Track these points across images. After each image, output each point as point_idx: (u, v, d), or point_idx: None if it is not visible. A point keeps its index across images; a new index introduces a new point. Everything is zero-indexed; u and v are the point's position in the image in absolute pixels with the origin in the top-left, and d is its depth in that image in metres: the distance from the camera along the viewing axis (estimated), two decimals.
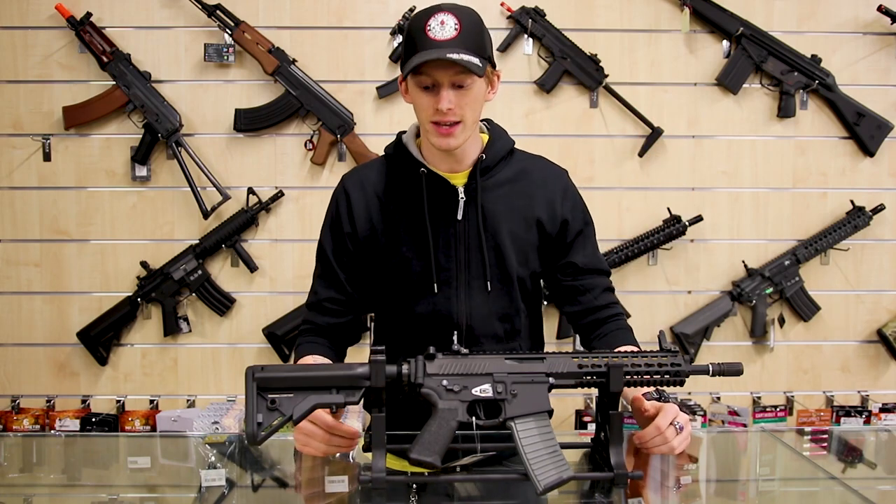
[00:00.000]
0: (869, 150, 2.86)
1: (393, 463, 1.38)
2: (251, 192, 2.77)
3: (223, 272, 2.84)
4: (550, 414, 1.29)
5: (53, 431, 2.71)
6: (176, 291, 2.79)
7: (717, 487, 1.53)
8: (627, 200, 2.87)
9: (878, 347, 2.95)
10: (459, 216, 1.56)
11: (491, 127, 1.64)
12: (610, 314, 1.64)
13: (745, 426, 2.74)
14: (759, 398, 2.92)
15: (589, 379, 1.30)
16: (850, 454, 1.77)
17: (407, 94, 1.54)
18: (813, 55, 2.82)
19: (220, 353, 2.86)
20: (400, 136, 1.62)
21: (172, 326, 2.80)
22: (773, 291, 2.85)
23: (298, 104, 2.74)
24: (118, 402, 2.83)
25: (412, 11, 2.73)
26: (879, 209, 2.86)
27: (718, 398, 2.90)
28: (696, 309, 2.88)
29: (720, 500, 1.50)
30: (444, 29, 1.43)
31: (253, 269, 2.81)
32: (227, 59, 2.74)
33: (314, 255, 1.66)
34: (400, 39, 2.75)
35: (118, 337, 2.82)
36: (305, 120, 2.78)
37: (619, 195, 2.86)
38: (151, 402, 2.84)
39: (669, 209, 2.82)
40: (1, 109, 2.76)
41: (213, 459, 1.58)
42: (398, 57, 2.76)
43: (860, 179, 2.89)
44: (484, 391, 1.26)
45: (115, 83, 2.71)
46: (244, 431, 1.27)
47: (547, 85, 2.79)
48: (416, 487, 1.29)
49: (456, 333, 1.37)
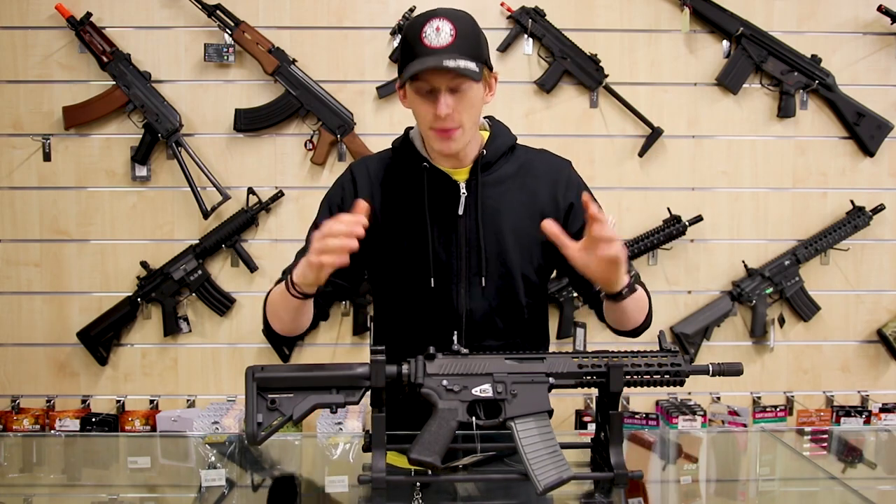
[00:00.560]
0: (869, 150, 2.86)
1: (395, 460, 1.38)
2: (251, 192, 2.77)
3: (223, 272, 2.84)
4: (550, 414, 1.29)
5: (53, 431, 2.71)
6: (176, 291, 2.79)
7: (717, 487, 1.53)
8: (627, 200, 2.87)
9: (878, 347, 2.95)
10: (460, 211, 1.56)
11: (493, 124, 1.64)
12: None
13: (745, 426, 2.74)
14: (759, 398, 2.92)
15: (589, 379, 1.31)
16: (850, 454, 1.77)
17: (405, 99, 1.54)
18: (813, 55, 2.82)
19: (220, 353, 2.86)
20: (408, 130, 1.63)
21: (172, 326, 2.80)
22: (773, 291, 2.85)
23: (298, 104, 2.74)
24: (118, 402, 2.83)
25: (412, 11, 2.73)
26: (879, 209, 2.86)
27: (718, 398, 2.90)
28: (696, 309, 2.88)
29: (720, 500, 1.50)
30: (439, 35, 1.44)
31: (253, 269, 2.81)
32: (227, 59, 2.74)
33: None
34: (400, 39, 2.75)
35: (118, 337, 2.82)
36: (305, 120, 2.78)
37: (619, 195, 2.86)
38: (151, 402, 2.84)
39: (669, 209, 2.83)
40: (1, 109, 2.76)
41: (213, 459, 1.58)
42: (398, 57, 2.76)
43: (860, 179, 2.89)
44: (484, 391, 1.27)
45: (115, 83, 2.71)
46: (244, 431, 1.28)
47: (547, 85, 2.79)
48: (419, 486, 1.29)
49: (455, 329, 1.36)
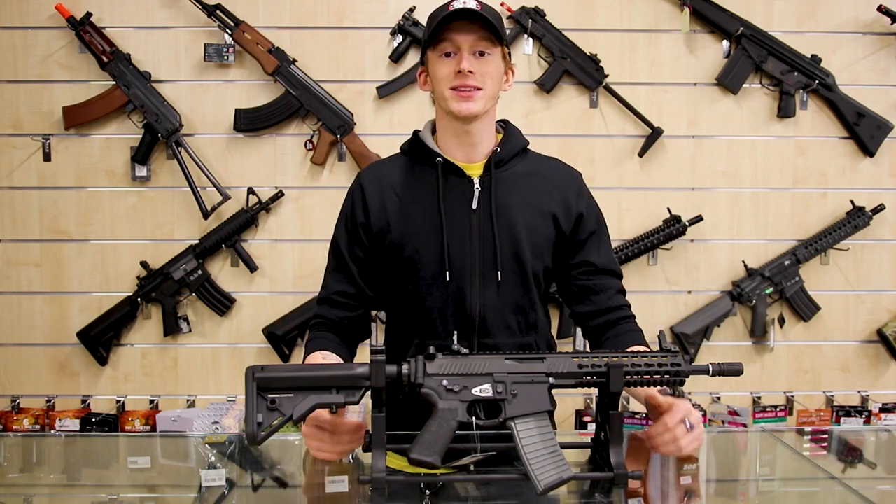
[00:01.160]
0: (869, 150, 2.86)
1: (395, 462, 1.38)
2: (251, 192, 2.77)
3: (223, 272, 2.84)
4: (553, 408, 1.29)
5: (53, 431, 2.71)
6: (176, 291, 2.79)
7: (717, 487, 1.53)
8: (627, 200, 2.87)
9: (878, 347, 2.95)
10: (474, 206, 1.56)
11: (507, 126, 1.66)
12: (622, 316, 1.64)
13: (745, 426, 2.74)
14: (759, 398, 2.92)
15: (589, 379, 1.30)
16: (850, 454, 1.77)
17: (426, 84, 1.57)
18: (813, 55, 2.82)
19: (220, 353, 2.86)
20: (416, 132, 1.64)
21: (172, 326, 2.80)
22: (773, 291, 2.85)
23: (298, 104, 2.74)
24: (118, 402, 2.83)
25: (412, 11, 2.73)
26: (879, 209, 2.86)
27: (718, 398, 2.90)
28: (696, 309, 2.88)
29: (720, 500, 1.50)
30: (466, 4, 1.48)
31: (253, 269, 2.81)
32: (227, 59, 2.74)
33: (314, 254, 1.67)
34: (400, 39, 2.75)
35: (118, 337, 2.82)
36: (305, 120, 2.78)
37: (619, 195, 2.86)
38: (151, 402, 2.84)
39: (669, 209, 2.83)
40: (1, 109, 2.76)
41: (213, 459, 1.57)
42: (398, 57, 2.77)
43: (860, 179, 2.89)
44: (484, 391, 1.26)
45: (115, 83, 2.71)
46: (244, 431, 1.27)
47: (547, 85, 2.79)
48: (426, 486, 1.29)
49: (469, 326, 1.35)
